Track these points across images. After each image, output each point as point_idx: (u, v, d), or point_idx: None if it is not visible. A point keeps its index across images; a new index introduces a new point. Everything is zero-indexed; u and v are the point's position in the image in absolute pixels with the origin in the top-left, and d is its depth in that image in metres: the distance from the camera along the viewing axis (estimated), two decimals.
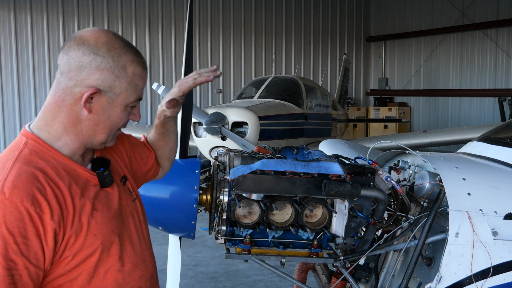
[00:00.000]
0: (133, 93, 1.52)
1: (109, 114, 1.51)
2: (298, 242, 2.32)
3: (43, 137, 1.48)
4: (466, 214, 2.10)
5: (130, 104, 1.53)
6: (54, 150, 1.48)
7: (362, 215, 2.14)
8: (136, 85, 1.53)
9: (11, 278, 1.29)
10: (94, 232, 1.44)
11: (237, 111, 8.62)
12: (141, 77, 1.54)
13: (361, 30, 20.53)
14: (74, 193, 1.43)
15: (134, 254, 1.58)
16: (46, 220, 1.34)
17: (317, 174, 2.11)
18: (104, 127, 1.52)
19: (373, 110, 19.54)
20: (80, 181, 1.48)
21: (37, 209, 1.33)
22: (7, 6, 13.34)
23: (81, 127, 1.50)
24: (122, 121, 1.56)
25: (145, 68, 1.56)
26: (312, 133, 10.54)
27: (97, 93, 1.47)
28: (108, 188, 1.56)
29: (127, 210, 1.61)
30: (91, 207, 1.46)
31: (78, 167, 1.50)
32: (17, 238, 1.30)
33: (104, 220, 1.49)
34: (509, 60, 16.18)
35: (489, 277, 2.06)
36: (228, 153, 2.38)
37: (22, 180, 1.35)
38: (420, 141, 10.67)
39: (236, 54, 17.12)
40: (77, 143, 1.51)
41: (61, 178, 1.43)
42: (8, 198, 1.31)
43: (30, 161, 1.41)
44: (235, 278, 5.84)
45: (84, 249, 1.43)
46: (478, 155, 2.79)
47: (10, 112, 13.52)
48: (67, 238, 1.39)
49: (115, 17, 14.88)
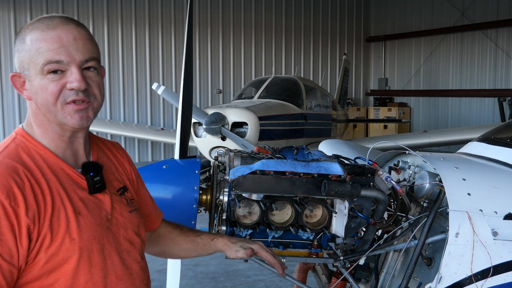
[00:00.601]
0: (38, 57, 1.39)
1: (35, 90, 1.43)
2: (298, 242, 2.32)
3: (31, 132, 1.48)
4: (466, 214, 2.09)
5: (45, 69, 1.40)
6: (42, 146, 1.45)
7: (362, 215, 2.14)
8: (38, 49, 1.39)
9: None
10: (73, 236, 1.37)
11: (237, 111, 8.62)
12: (41, 38, 1.40)
13: (361, 30, 20.54)
14: (55, 192, 1.38)
15: (121, 266, 1.49)
16: (20, 215, 1.29)
17: (317, 174, 2.11)
18: (41, 105, 1.43)
19: (373, 111, 19.54)
20: (67, 182, 1.43)
21: (12, 202, 1.28)
22: (7, 6, 13.35)
23: (40, 117, 1.47)
24: (50, 91, 1.41)
25: (48, 28, 1.41)
26: (312, 133, 10.55)
27: (20, 77, 1.45)
28: (99, 195, 1.50)
29: (119, 220, 1.53)
30: (74, 210, 1.40)
31: (67, 167, 1.46)
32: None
33: (87, 225, 1.41)
34: (509, 60, 16.18)
35: (489, 277, 2.06)
36: (228, 153, 2.38)
37: (0, 172, 1.32)
38: (420, 142, 10.68)
39: (236, 54, 17.13)
40: (52, 134, 1.47)
41: (43, 175, 1.39)
42: None
43: (14, 155, 1.39)
44: (235, 278, 5.84)
45: (61, 253, 1.35)
46: (478, 155, 2.79)
47: (10, 112, 13.53)
48: (42, 237, 1.33)
49: (115, 17, 14.89)
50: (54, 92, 1.41)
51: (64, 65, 1.41)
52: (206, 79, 16.52)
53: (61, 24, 1.42)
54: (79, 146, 1.53)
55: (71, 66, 1.41)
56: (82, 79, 1.41)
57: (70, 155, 1.50)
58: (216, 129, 8.09)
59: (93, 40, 1.50)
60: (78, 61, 1.42)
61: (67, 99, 1.42)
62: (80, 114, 1.44)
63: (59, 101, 1.42)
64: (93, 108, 1.48)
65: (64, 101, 1.42)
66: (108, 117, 14.68)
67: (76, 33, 1.43)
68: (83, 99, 1.44)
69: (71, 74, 1.41)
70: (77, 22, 1.48)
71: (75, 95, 1.42)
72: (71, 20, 1.46)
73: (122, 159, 1.72)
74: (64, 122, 1.44)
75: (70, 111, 1.43)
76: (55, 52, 1.39)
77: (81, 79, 1.41)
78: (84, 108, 1.45)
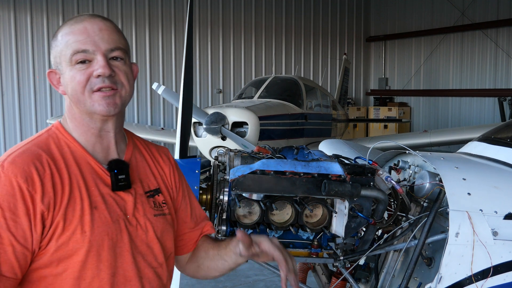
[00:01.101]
0: (67, 49, 1.45)
1: (66, 82, 1.48)
2: (298, 242, 2.32)
3: (65, 126, 1.53)
4: (466, 214, 2.09)
5: (73, 61, 1.45)
6: (72, 139, 1.50)
7: (362, 215, 2.14)
8: (66, 42, 1.46)
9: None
10: (84, 229, 1.38)
11: (237, 111, 8.62)
12: (69, 32, 1.46)
13: (361, 30, 20.53)
14: (75, 184, 1.41)
15: (132, 267, 1.47)
16: (36, 201, 1.33)
17: (317, 174, 2.11)
18: (72, 97, 1.49)
19: (373, 110, 19.53)
20: (90, 176, 1.45)
21: (30, 187, 1.33)
22: (7, 6, 13.34)
23: (73, 110, 1.52)
24: (78, 80, 1.46)
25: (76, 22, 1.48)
26: (312, 133, 10.54)
27: (54, 74, 1.51)
28: (122, 193, 1.50)
29: (140, 221, 1.51)
30: (90, 203, 1.41)
31: (93, 162, 1.48)
32: (6, 213, 1.30)
33: (101, 220, 1.41)
34: (509, 60, 16.18)
35: (489, 277, 2.06)
36: (228, 153, 2.38)
37: (23, 158, 1.37)
38: (420, 141, 10.67)
39: (236, 54, 17.12)
40: (81, 128, 1.51)
41: (66, 166, 1.42)
42: (5, 172, 1.33)
43: (43, 144, 1.44)
44: (235, 278, 5.84)
45: (70, 243, 1.36)
46: (478, 155, 2.79)
47: (10, 112, 13.52)
48: (55, 225, 1.35)
49: (115, 17, 14.88)
50: (81, 81, 1.45)
51: (90, 54, 1.45)
52: (206, 79, 16.52)
53: (87, 18, 1.49)
54: (110, 142, 1.54)
55: (97, 55, 1.45)
56: (106, 65, 1.45)
57: (100, 150, 1.52)
58: (216, 129, 8.09)
59: (120, 32, 1.54)
60: (103, 50, 1.46)
61: (94, 87, 1.45)
62: (107, 100, 1.47)
63: (86, 89, 1.45)
64: (121, 96, 1.50)
65: (91, 89, 1.45)
66: None
67: (101, 25, 1.48)
68: (110, 85, 1.46)
69: (97, 62, 1.45)
70: (104, 17, 1.54)
71: (101, 82, 1.45)
72: (98, 15, 1.53)
73: (163, 164, 1.69)
74: (92, 110, 1.47)
75: (97, 98, 1.46)
76: (81, 42, 1.44)
77: (105, 65, 1.44)
78: (111, 95, 1.47)
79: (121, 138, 1.60)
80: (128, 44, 1.56)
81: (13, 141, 13.56)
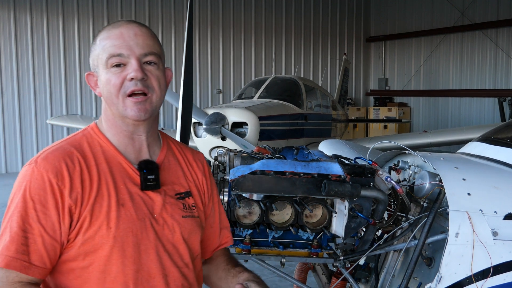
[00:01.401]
0: (103, 53, 1.52)
1: (102, 85, 1.54)
2: (298, 242, 2.32)
3: (100, 127, 1.60)
4: (466, 214, 2.09)
5: (108, 64, 1.51)
6: (106, 139, 1.57)
7: (362, 215, 2.14)
8: (103, 46, 1.52)
9: (24, 239, 1.37)
10: (110, 225, 1.44)
11: (237, 111, 8.61)
12: (106, 36, 1.53)
13: (361, 30, 20.53)
14: (104, 181, 1.48)
15: (156, 265, 1.51)
16: (64, 195, 1.41)
17: (317, 174, 2.11)
18: (107, 99, 1.55)
19: (373, 110, 19.53)
20: (119, 174, 1.52)
21: (59, 182, 1.41)
22: (7, 6, 13.34)
23: (107, 111, 1.58)
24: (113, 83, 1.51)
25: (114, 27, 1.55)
26: (312, 133, 10.54)
27: (92, 76, 1.57)
28: (151, 193, 1.54)
29: (167, 221, 1.55)
30: (118, 200, 1.47)
31: (124, 161, 1.55)
32: (37, 205, 1.39)
33: (127, 217, 1.47)
34: (509, 60, 16.18)
35: (489, 277, 2.06)
36: (228, 153, 2.38)
37: (55, 154, 1.46)
38: (420, 141, 10.66)
39: (236, 54, 17.12)
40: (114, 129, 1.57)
41: (96, 164, 1.50)
42: (37, 167, 1.42)
43: (76, 143, 1.53)
44: None
45: (96, 238, 1.43)
46: (478, 155, 2.79)
47: (10, 112, 13.52)
48: (82, 219, 1.42)
49: (115, 17, 14.87)
50: (116, 84, 1.51)
51: (125, 58, 1.50)
52: (206, 79, 16.52)
53: (124, 24, 1.55)
54: (142, 145, 1.60)
55: (131, 59, 1.51)
56: (139, 69, 1.50)
57: (132, 152, 1.58)
58: (216, 129, 8.09)
59: (155, 38, 1.59)
60: (137, 54, 1.51)
61: (127, 91, 1.51)
62: (138, 106, 1.52)
63: (120, 93, 1.51)
64: (151, 101, 1.55)
65: (125, 93, 1.51)
66: None
67: (137, 30, 1.54)
68: (142, 89, 1.51)
69: (131, 65, 1.50)
70: (141, 23, 1.61)
71: (134, 85, 1.50)
72: (135, 21, 1.60)
73: (196, 169, 1.73)
74: (124, 114, 1.53)
75: (129, 103, 1.52)
76: (116, 46, 1.51)
77: (138, 69, 1.50)
78: (142, 101, 1.53)
79: (155, 141, 1.65)
80: (163, 50, 1.62)
81: (13, 141, 13.57)
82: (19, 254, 1.36)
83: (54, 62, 14.05)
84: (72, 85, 14.34)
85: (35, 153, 10.03)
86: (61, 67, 14.13)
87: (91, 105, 14.59)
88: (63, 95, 14.21)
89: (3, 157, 13.45)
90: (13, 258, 1.36)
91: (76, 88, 14.39)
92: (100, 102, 1.65)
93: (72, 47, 14.29)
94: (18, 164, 13.64)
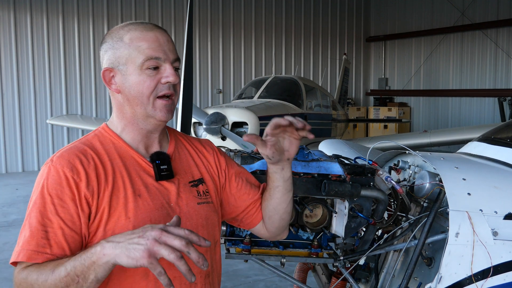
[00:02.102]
0: (139, 54, 1.55)
1: (130, 84, 1.57)
2: (298, 242, 2.32)
3: (111, 127, 1.64)
4: (466, 214, 2.09)
5: (144, 66, 1.55)
6: (117, 137, 1.61)
7: (362, 215, 2.13)
8: (138, 47, 1.55)
9: (44, 233, 1.40)
10: (128, 215, 1.49)
11: (237, 111, 8.62)
12: (141, 38, 1.57)
13: (361, 30, 20.54)
14: (119, 175, 1.53)
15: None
16: (81, 187, 1.45)
17: (317, 174, 2.11)
18: (134, 98, 1.58)
19: (373, 110, 19.54)
20: (133, 167, 1.57)
21: (75, 175, 1.46)
22: (7, 6, 13.34)
23: (124, 109, 1.61)
24: (147, 85, 1.56)
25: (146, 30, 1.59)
26: (312, 133, 10.53)
27: (111, 71, 1.59)
28: (165, 183, 1.60)
29: (183, 209, 1.60)
30: (134, 192, 1.52)
31: (137, 155, 1.60)
32: (54, 199, 1.43)
33: (145, 207, 1.52)
34: (509, 60, 16.19)
35: (489, 277, 2.06)
36: (228, 153, 2.38)
37: (70, 152, 1.52)
38: (420, 141, 10.66)
39: (236, 54, 17.13)
40: (131, 127, 1.61)
41: (110, 159, 1.55)
42: (53, 164, 1.48)
43: (89, 142, 1.58)
44: (235, 278, 5.84)
45: (116, 229, 1.46)
46: (478, 155, 2.79)
47: (10, 112, 13.52)
48: (101, 211, 1.47)
49: (115, 17, 14.88)
50: (151, 87, 1.56)
51: (160, 62, 1.57)
52: (206, 79, 16.52)
53: (155, 28, 1.61)
54: (154, 141, 1.66)
55: (166, 63, 1.57)
56: (175, 74, 1.59)
57: (143, 148, 1.64)
58: (216, 129, 8.09)
59: None
60: (171, 59, 1.59)
61: (159, 93, 1.57)
62: (167, 108, 1.60)
63: (152, 95, 1.57)
64: (174, 103, 1.64)
65: (156, 95, 1.57)
66: (108, 116, 14.67)
67: (167, 36, 1.62)
68: (172, 93, 1.60)
69: (165, 70, 1.57)
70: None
71: (167, 88, 1.58)
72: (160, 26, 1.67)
73: (207, 154, 1.79)
74: (152, 115, 1.59)
75: (160, 105, 1.58)
76: (154, 50, 1.56)
77: (174, 74, 1.58)
78: (170, 103, 1.61)
79: (164, 137, 1.72)
80: None
81: (13, 141, 13.57)
82: (40, 247, 1.39)
83: (54, 62, 14.06)
84: (72, 85, 14.34)
85: (35, 153, 10.13)
86: (61, 67, 14.13)
87: (91, 105, 14.59)
88: (63, 95, 14.21)
89: (3, 157, 13.45)
90: (34, 251, 1.39)
91: (76, 88, 14.39)
92: (100, 103, 1.66)
93: (72, 47, 14.29)
94: (18, 164, 13.64)
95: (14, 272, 1.42)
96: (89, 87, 14.56)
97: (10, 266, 1.45)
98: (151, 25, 1.62)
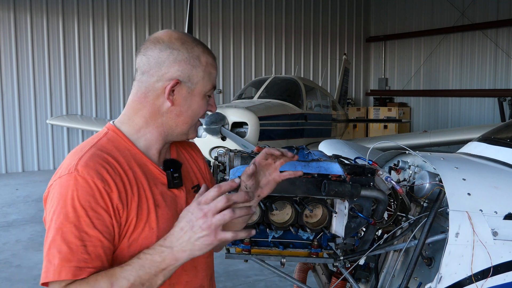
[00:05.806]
0: (209, 81, 1.59)
1: (190, 103, 1.59)
2: (298, 242, 2.32)
3: (123, 130, 1.60)
4: (466, 214, 2.09)
5: (207, 93, 1.60)
6: (130, 142, 1.58)
7: (362, 215, 2.13)
8: (210, 73, 1.60)
9: (84, 248, 1.37)
10: (152, 226, 1.49)
11: (237, 111, 8.62)
12: (213, 66, 1.62)
13: (361, 30, 20.55)
14: (140, 184, 1.51)
15: None
16: (113, 198, 1.43)
17: (317, 174, 2.11)
18: (186, 116, 1.60)
19: (373, 110, 19.55)
20: (150, 176, 1.56)
21: (106, 187, 1.42)
22: (7, 6, 13.34)
23: (162, 119, 1.59)
24: (202, 110, 1.62)
25: (215, 59, 1.65)
26: (312, 134, 10.55)
27: (178, 84, 1.56)
28: (175, 190, 1.61)
29: None
30: (154, 202, 1.52)
31: (150, 163, 1.58)
32: (89, 212, 1.39)
33: (164, 217, 1.52)
34: (509, 60, 16.19)
35: (489, 277, 2.06)
36: (228, 153, 2.38)
37: (94, 161, 1.46)
38: (420, 141, 10.67)
39: (236, 54, 17.13)
40: (155, 135, 1.60)
41: (131, 168, 1.52)
42: (81, 174, 1.41)
43: (105, 148, 1.53)
44: (235, 278, 5.84)
45: (140, 240, 1.47)
46: (478, 155, 2.79)
47: (10, 112, 13.52)
48: (129, 222, 1.46)
49: (115, 17, 14.89)
50: (203, 112, 1.63)
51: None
52: None
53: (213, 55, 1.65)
54: (163, 148, 1.66)
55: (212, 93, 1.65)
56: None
57: (153, 154, 1.63)
58: (216, 129, 8.09)
59: None
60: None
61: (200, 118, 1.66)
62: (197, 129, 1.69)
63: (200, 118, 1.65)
64: None
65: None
66: (108, 116, 14.69)
67: None
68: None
69: (212, 99, 1.66)
70: None
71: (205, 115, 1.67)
72: None
73: (197, 158, 1.83)
74: (188, 133, 1.65)
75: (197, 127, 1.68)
76: (215, 79, 1.64)
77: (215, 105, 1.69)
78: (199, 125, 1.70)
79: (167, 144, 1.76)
80: None
81: (13, 141, 13.58)
82: (81, 263, 1.37)
83: (54, 62, 14.06)
84: (72, 85, 14.35)
85: (35, 153, 10.10)
86: (61, 67, 14.14)
87: (91, 105, 14.59)
88: (63, 95, 14.21)
89: (3, 157, 13.46)
90: (77, 267, 1.36)
91: (76, 88, 14.39)
92: (100, 103, 1.66)
93: (72, 47, 14.30)
94: (18, 164, 13.65)
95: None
96: (89, 87, 14.57)
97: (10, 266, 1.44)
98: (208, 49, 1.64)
